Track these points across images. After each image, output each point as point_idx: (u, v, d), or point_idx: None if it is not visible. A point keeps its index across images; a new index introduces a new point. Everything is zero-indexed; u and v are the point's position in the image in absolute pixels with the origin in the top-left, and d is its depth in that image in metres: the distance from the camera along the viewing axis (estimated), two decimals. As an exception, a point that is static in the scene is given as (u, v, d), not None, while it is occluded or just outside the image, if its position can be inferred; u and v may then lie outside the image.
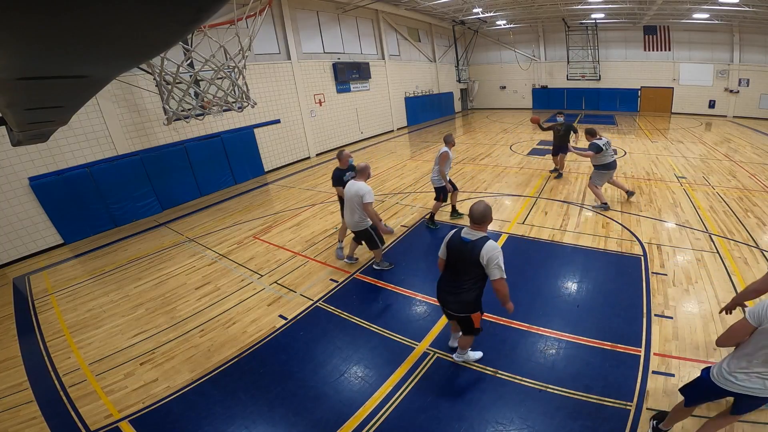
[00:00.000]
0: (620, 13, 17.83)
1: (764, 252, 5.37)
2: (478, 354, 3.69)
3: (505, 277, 2.90)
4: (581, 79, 22.36)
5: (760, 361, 2.12)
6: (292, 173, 12.14)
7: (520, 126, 18.38)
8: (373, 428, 3.09)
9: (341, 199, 5.53)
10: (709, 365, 2.43)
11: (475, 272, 2.99)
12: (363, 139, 16.89)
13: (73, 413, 3.48)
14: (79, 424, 3.35)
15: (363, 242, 5.32)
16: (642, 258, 5.36)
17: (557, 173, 9.48)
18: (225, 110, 8.87)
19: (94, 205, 8.17)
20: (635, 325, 3.99)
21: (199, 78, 8.09)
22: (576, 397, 3.20)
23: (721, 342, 2.33)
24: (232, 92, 8.29)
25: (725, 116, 18.91)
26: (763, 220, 6.40)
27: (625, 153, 11.79)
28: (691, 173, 9.34)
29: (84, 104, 1.38)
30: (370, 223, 5.00)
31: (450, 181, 6.47)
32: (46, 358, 4.35)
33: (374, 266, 5.56)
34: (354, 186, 4.85)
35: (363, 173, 4.93)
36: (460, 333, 3.52)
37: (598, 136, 6.89)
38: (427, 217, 6.96)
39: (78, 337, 4.67)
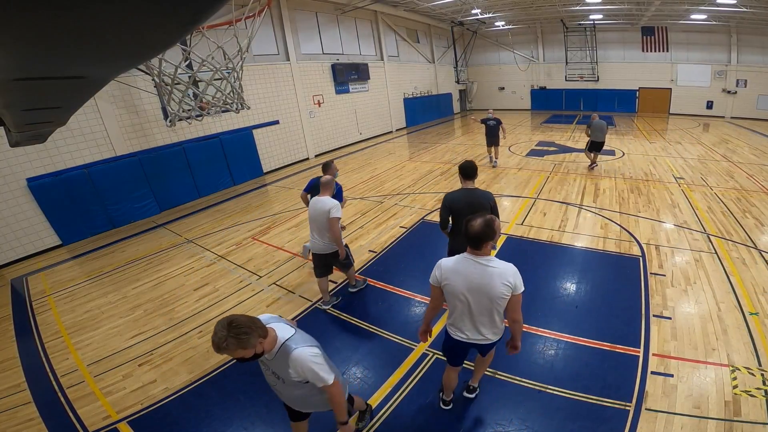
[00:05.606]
0: (618, 14, 17.89)
1: (762, 252, 5.38)
2: None
3: None
4: (579, 80, 22.41)
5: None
6: (291, 174, 12.13)
7: (519, 127, 18.42)
8: (373, 429, 3.09)
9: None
10: None
11: None
12: (362, 140, 16.90)
13: (71, 414, 3.47)
14: (78, 426, 3.34)
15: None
16: (640, 259, 5.37)
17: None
18: (224, 111, 8.84)
19: (92, 207, 8.15)
20: (634, 326, 3.99)
21: (197, 79, 8.07)
22: (575, 397, 3.20)
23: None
24: (230, 94, 8.26)
25: (723, 117, 18.98)
26: (761, 221, 6.42)
27: (623, 154, 11.83)
28: (689, 174, 9.37)
29: (82, 105, 1.37)
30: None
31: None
32: (44, 359, 4.33)
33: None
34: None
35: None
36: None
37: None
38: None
39: (76, 338, 4.66)
